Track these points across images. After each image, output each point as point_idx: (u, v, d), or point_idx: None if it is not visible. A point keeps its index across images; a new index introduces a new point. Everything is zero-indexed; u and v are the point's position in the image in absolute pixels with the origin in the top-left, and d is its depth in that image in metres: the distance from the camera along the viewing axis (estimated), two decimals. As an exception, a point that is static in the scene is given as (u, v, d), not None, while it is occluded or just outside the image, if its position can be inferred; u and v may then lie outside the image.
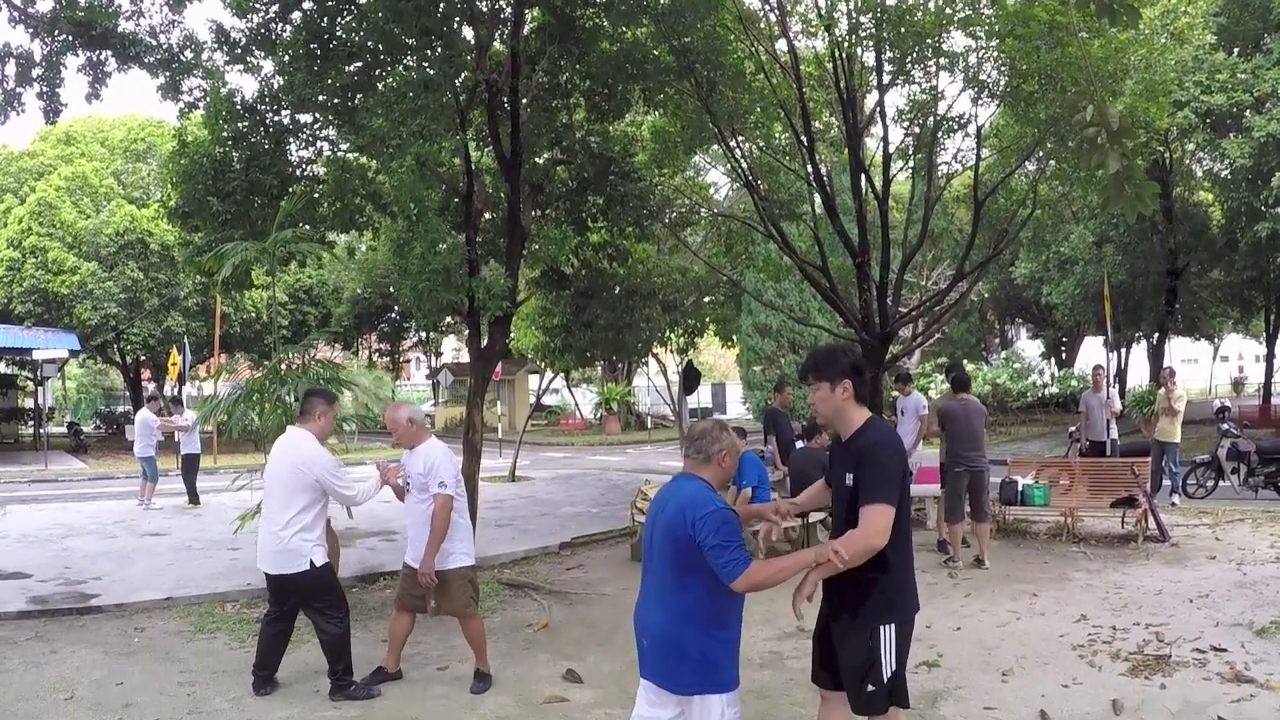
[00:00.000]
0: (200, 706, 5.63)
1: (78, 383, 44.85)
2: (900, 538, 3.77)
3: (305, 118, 9.66)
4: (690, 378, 14.20)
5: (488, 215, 10.47)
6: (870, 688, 3.76)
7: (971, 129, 12.58)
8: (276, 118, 9.56)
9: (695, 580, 3.76)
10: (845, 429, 3.90)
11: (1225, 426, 13.56)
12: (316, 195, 9.77)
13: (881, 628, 3.74)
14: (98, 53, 9.47)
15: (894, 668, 3.77)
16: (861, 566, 3.69)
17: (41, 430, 26.15)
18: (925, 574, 8.89)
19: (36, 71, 9.45)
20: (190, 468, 15.16)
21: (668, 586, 3.82)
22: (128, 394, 34.97)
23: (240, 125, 9.25)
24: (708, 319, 17.84)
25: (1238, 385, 40.18)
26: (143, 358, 29.08)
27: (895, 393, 12.48)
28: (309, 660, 6.44)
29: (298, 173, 9.89)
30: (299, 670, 6.30)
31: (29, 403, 30.68)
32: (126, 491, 16.72)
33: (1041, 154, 12.39)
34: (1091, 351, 32.54)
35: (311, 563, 5.71)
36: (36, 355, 22.82)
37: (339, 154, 9.83)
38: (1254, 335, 39.14)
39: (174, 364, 22.83)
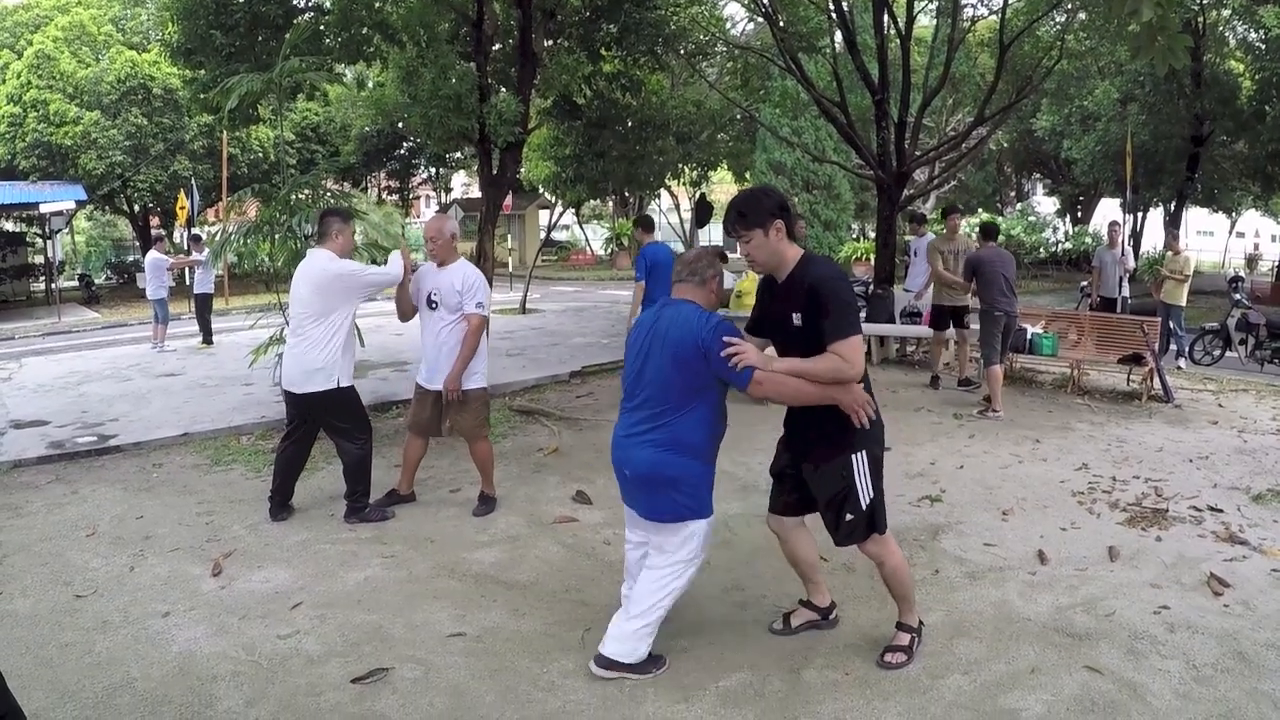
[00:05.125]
0: (219, 534, 5.74)
1: (86, 236, 44.51)
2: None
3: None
4: (703, 210, 13.97)
5: (498, 45, 10.14)
6: (849, 516, 3.80)
7: (1000, -30, 12.13)
8: (279, -55, 9.15)
9: (695, 406, 3.76)
10: (783, 268, 3.77)
11: (1237, 297, 13.40)
12: (322, 27, 9.46)
13: (853, 456, 3.75)
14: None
15: (871, 495, 3.79)
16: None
17: (53, 285, 26.03)
18: (931, 414, 9.02)
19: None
20: (203, 307, 15.20)
21: (664, 413, 3.76)
22: (137, 243, 34.75)
23: (242, -45, 8.87)
24: (721, 154, 17.50)
25: (1252, 261, 39.51)
26: (151, 205, 28.69)
27: (909, 235, 12.37)
28: (324, 486, 6.60)
29: (302, 3, 9.56)
30: (314, 496, 6.43)
31: (39, 260, 30.39)
32: (140, 337, 16.77)
33: (1071, 4, 11.95)
34: (1108, 213, 31.96)
35: (339, 381, 5.73)
36: (43, 209, 22.47)
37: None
38: (1273, 213, 38.48)
39: (182, 208, 22.61)
